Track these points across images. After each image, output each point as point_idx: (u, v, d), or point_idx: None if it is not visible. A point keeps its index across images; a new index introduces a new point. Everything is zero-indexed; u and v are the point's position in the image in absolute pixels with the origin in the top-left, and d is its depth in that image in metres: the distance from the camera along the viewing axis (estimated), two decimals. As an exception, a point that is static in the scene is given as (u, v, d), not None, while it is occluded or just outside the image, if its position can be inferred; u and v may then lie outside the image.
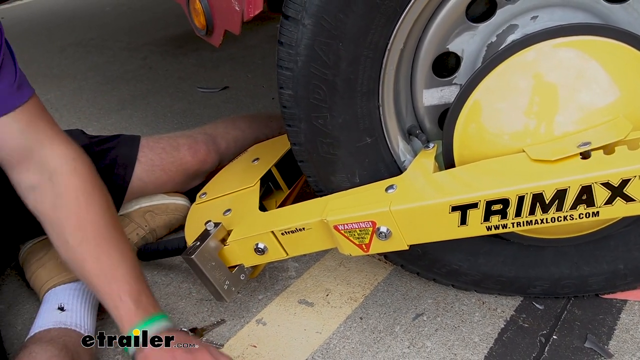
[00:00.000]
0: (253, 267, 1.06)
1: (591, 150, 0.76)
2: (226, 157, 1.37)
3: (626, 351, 0.96)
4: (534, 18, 0.87)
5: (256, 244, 0.98)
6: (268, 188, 1.23)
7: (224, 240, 1.02)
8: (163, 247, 1.18)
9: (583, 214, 0.77)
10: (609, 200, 0.75)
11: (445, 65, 0.93)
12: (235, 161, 1.30)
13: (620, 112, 0.80)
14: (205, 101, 2.16)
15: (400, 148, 0.96)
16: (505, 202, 0.78)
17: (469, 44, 0.90)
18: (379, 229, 0.86)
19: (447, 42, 0.90)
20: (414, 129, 0.97)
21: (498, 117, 0.85)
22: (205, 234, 1.01)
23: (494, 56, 0.83)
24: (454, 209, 0.81)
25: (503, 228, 0.81)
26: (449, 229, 0.83)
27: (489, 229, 0.82)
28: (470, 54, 0.91)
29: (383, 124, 0.91)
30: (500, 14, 0.87)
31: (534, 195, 0.77)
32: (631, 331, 1.00)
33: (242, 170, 1.23)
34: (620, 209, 0.75)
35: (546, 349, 0.98)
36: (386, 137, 0.93)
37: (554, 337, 1.00)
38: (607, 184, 0.74)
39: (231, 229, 1.03)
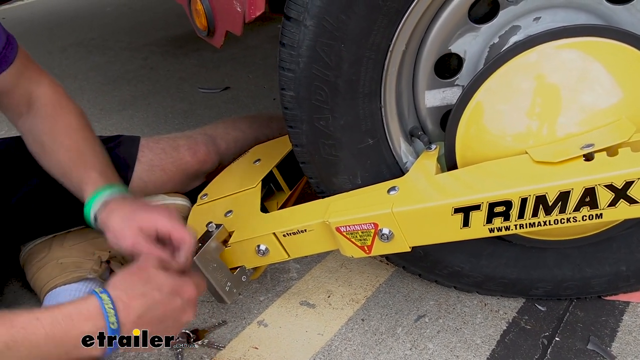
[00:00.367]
0: (254, 269, 1.06)
1: (594, 152, 0.76)
2: (226, 158, 1.37)
3: (629, 353, 0.96)
4: (537, 19, 0.87)
5: (258, 246, 0.98)
6: (269, 189, 1.22)
7: (225, 242, 1.02)
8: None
9: (586, 216, 0.77)
10: (613, 202, 0.75)
11: (448, 66, 0.93)
12: (236, 162, 1.30)
13: (623, 114, 0.80)
14: (206, 102, 2.16)
15: (402, 149, 0.96)
16: (508, 204, 0.78)
17: (471, 45, 0.90)
18: (381, 230, 0.86)
19: (450, 43, 0.89)
20: (416, 130, 0.96)
21: (501, 119, 0.84)
22: (206, 235, 1.00)
23: (497, 57, 0.82)
24: (457, 210, 0.81)
25: (506, 230, 0.81)
26: (452, 231, 0.83)
27: (491, 231, 0.81)
28: (472, 55, 0.91)
29: (385, 126, 0.91)
30: (502, 15, 0.87)
31: (537, 197, 0.76)
32: (634, 333, 0.99)
33: (244, 172, 1.23)
34: (623, 211, 0.75)
35: (548, 351, 0.98)
36: (388, 139, 0.92)
37: (557, 339, 1.00)
38: (611, 186, 0.73)
39: (232, 231, 1.03)
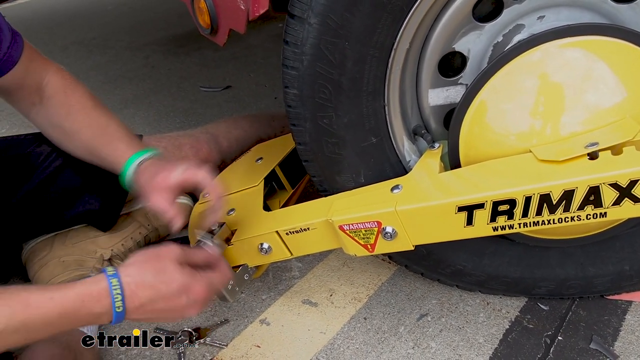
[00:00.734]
0: (257, 267, 1.06)
1: (599, 150, 0.76)
2: (228, 157, 1.37)
3: (632, 352, 0.96)
4: (541, 18, 0.87)
5: (260, 244, 0.98)
6: (272, 188, 1.22)
7: (227, 240, 1.02)
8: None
9: (590, 215, 0.77)
10: (617, 201, 0.74)
11: (451, 65, 0.93)
12: (238, 161, 1.30)
13: (627, 113, 0.80)
14: (208, 100, 2.16)
15: (405, 148, 0.95)
16: (512, 203, 0.78)
17: (475, 44, 0.90)
18: (385, 229, 0.86)
19: (454, 42, 0.89)
20: (420, 128, 0.96)
21: (504, 118, 0.84)
22: (208, 233, 1.00)
23: (500, 56, 0.82)
24: (460, 209, 0.81)
25: (509, 229, 0.81)
26: (455, 230, 0.83)
27: (495, 229, 0.81)
28: (476, 53, 0.90)
29: (388, 124, 0.91)
30: (506, 14, 0.87)
31: (541, 195, 0.76)
32: (637, 332, 0.99)
33: (246, 170, 1.23)
34: (628, 210, 0.75)
35: (551, 350, 0.98)
36: (391, 137, 0.92)
37: (559, 338, 1.00)
38: (615, 185, 0.73)
39: (235, 229, 1.03)
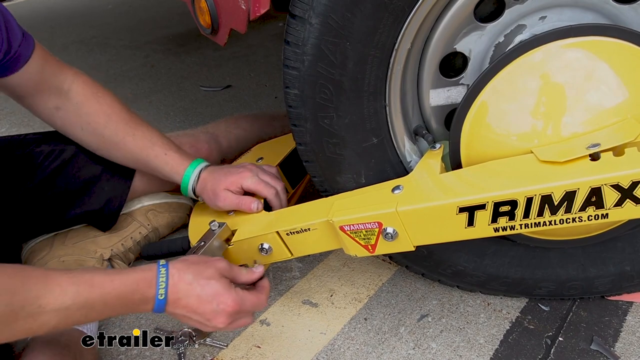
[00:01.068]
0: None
1: (600, 151, 0.76)
2: (228, 156, 1.37)
3: (632, 353, 0.95)
4: (543, 18, 0.86)
5: (261, 244, 0.98)
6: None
7: (228, 240, 1.02)
8: (167, 247, 1.17)
9: (592, 216, 0.76)
10: (619, 202, 0.74)
11: (453, 65, 0.93)
12: (239, 160, 1.30)
13: (629, 113, 0.79)
14: (208, 100, 2.16)
15: (406, 148, 0.95)
16: (513, 204, 0.78)
17: (476, 44, 0.89)
18: (385, 229, 0.86)
19: (455, 42, 0.89)
20: (421, 129, 0.96)
21: (506, 118, 0.84)
22: (209, 233, 1.00)
23: (502, 57, 0.82)
24: (462, 210, 0.80)
25: (511, 229, 0.81)
26: (456, 230, 0.83)
27: (496, 230, 0.81)
28: (477, 54, 0.90)
29: (389, 124, 0.91)
30: (508, 14, 0.86)
31: (542, 196, 0.76)
32: (637, 333, 0.99)
33: (246, 170, 1.22)
34: (630, 211, 0.75)
35: (552, 350, 0.97)
36: (392, 138, 0.92)
37: (560, 339, 0.99)
38: (617, 186, 0.73)
39: (235, 229, 1.03)
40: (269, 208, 1.06)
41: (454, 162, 0.90)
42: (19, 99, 1.06)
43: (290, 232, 0.95)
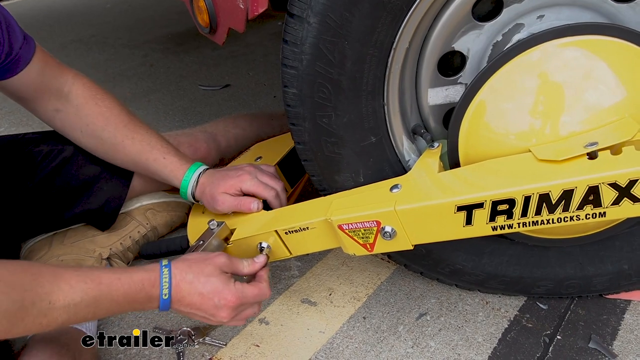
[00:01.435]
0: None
1: (598, 150, 0.76)
2: (227, 155, 1.37)
3: (630, 351, 0.96)
4: (541, 17, 0.86)
5: (260, 243, 0.98)
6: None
7: (227, 239, 1.02)
8: (165, 246, 1.17)
9: (590, 215, 0.77)
10: (616, 201, 0.74)
11: (451, 64, 0.93)
12: (237, 160, 1.30)
13: (627, 112, 0.80)
14: (207, 99, 2.16)
15: (404, 147, 0.95)
16: (511, 202, 0.78)
17: (474, 43, 0.89)
18: (384, 228, 0.86)
19: (453, 41, 0.89)
20: (419, 128, 0.96)
21: (504, 117, 0.84)
22: (208, 232, 1.00)
23: (500, 55, 0.82)
24: (460, 208, 0.80)
25: (509, 228, 0.81)
26: (454, 229, 0.83)
27: (494, 229, 0.81)
28: (475, 53, 0.90)
29: (388, 123, 0.91)
30: (506, 13, 0.86)
31: (540, 195, 0.76)
32: (635, 331, 0.99)
33: (245, 169, 1.22)
34: (627, 210, 0.75)
35: (550, 349, 0.98)
36: (391, 136, 0.92)
37: (558, 337, 1.00)
38: (615, 185, 0.73)
39: (234, 228, 1.03)
40: (268, 207, 1.06)
41: (452, 161, 0.90)
42: (19, 100, 1.06)
43: (288, 231, 0.95)
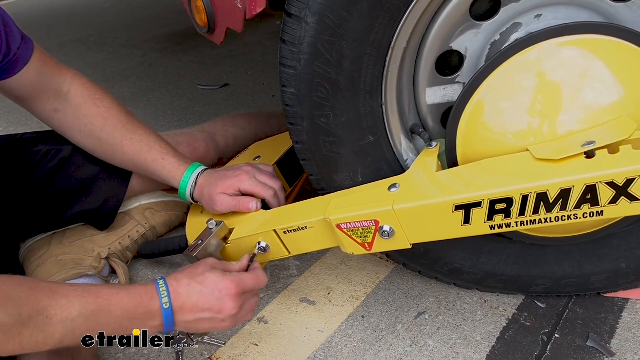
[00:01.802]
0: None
1: (595, 149, 0.76)
2: (225, 155, 1.37)
3: (628, 350, 0.96)
4: (538, 16, 0.87)
5: (258, 243, 0.98)
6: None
7: (225, 239, 1.02)
8: (164, 245, 1.17)
9: (587, 214, 0.77)
10: (614, 200, 0.75)
11: (449, 63, 0.93)
12: (236, 159, 1.30)
13: (624, 111, 0.80)
14: (205, 98, 2.16)
15: (403, 147, 0.96)
16: (509, 202, 0.78)
17: (472, 43, 0.90)
18: (382, 227, 0.86)
19: (451, 41, 0.89)
20: (417, 127, 0.96)
21: (502, 116, 0.84)
22: (207, 232, 1.00)
23: (498, 55, 0.82)
24: (458, 208, 0.81)
25: (507, 227, 0.81)
26: (452, 228, 0.83)
27: (492, 228, 0.81)
28: (473, 52, 0.90)
29: (386, 123, 0.91)
30: (504, 12, 0.87)
31: (538, 194, 0.76)
32: (633, 330, 1.00)
33: (244, 169, 1.22)
34: (624, 209, 0.75)
35: (548, 347, 0.98)
36: (389, 136, 0.92)
37: (556, 336, 1.00)
38: (612, 184, 0.73)
39: (233, 228, 1.03)
40: (267, 207, 1.06)
41: (450, 160, 0.90)
42: (17, 101, 1.06)
43: (287, 231, 0.95)
